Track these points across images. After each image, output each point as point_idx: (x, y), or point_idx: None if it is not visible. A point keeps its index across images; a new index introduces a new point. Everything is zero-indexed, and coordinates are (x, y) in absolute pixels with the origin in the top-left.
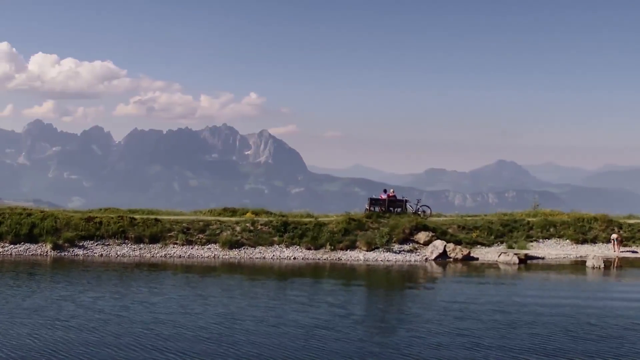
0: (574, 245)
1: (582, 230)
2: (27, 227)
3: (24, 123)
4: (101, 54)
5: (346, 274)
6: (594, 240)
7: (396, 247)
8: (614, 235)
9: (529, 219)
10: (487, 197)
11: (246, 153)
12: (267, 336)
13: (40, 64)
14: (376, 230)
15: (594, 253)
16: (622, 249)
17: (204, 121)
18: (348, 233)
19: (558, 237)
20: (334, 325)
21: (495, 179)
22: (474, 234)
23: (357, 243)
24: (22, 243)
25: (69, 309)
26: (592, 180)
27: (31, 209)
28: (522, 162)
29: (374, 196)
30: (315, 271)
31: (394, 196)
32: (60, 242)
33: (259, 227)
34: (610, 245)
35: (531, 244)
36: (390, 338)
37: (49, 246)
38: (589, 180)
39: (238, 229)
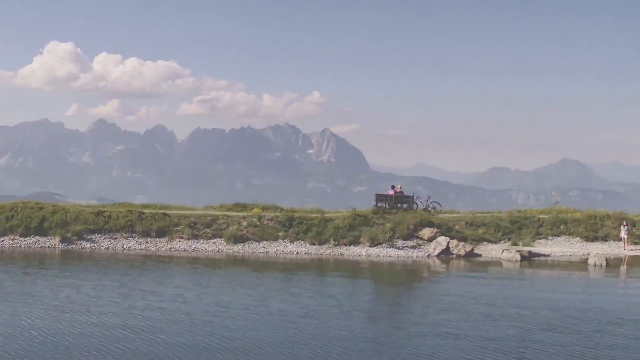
0: (584, 242)
1: (594, 228)
2: (38, 220)
3: (89, 122)
4: (165, 54)
5: (344, 268)
6: (604, 238)
7: (399, 243)
8: (623, 233)
9: (540, 216)
10: (551, 196)
11: (309, 152)
12: (263, 326)
13: (105, 63)
14: (381, 226)
15: (597, 251)
16: (632, 247)
17: (267, 120)
18: (353, 229)
19: (568, 235)
20: (320, 315)
21: (559, 177)
22: (480, 231)
23: (361, 239)
24: (32, 236)
25: (64, 295)
26: None
27: (43, 203)
28: (586, 160)
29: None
30: (314, 266)
31: (401, 192)
32: (69, 235)
33: (265, 222)
34: (621, 243)
35: (539, 241)
36: (375, 329)
37: (57, 239)
38: None
39: (244, 223)
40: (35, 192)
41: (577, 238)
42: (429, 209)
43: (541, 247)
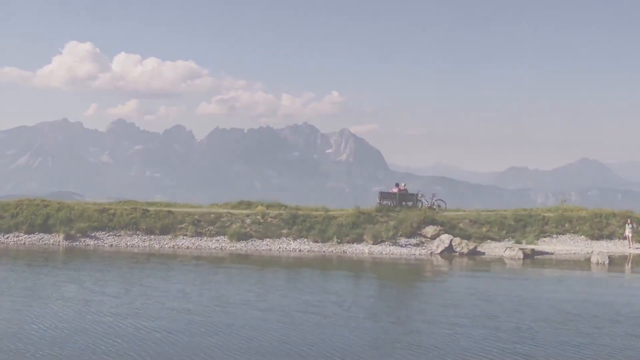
0: (588, 241)
1: (599, 226)
2: (42, 217)
3: (108, 122)
4: (184, 54)
5: (347, 266)
6: (610, 236)
7: (402, 240)
8: (628, 231)
9: (545, 214)
10: (570, 196)
11: (327, 152)
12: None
13: (124, 63)
14: (384, 224)
15: (601, 249)
16: (637, 245)
17: (286, 120)
18: (356, 227)
19: (573, 233)
20: (319, 310)
21: (578, 177)
22: (484, 229)
23: (364, 236)
24: (36, 233)
25: (66, 290)
26: None
27: (49, 201)
28: (605, 160)
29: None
30: (317, 263)
31: (405, 190)
32: (73, 232)
33: (269, 219)
34: (626, 242)
35: (544, 239)
36: (374, 324)
37: (61, 236)
38: None
39: (248, 221)
40: (54, 192)
41: (582, 236)
42: (434, 207)
43: (545, 245)
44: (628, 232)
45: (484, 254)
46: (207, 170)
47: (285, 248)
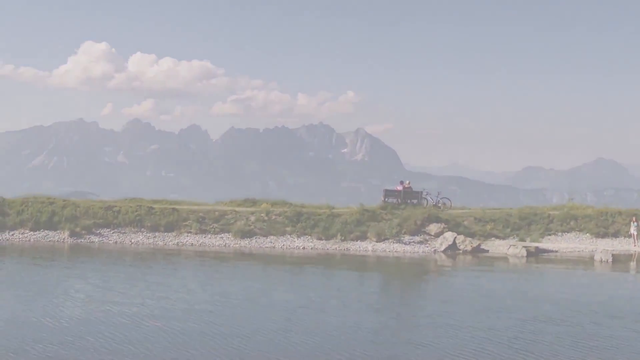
0: (594, 239)
1: (604, 224)
2: (47, 214)
3: (123, 122)
4: (199, 53)
5: (350, 263)
6: (615, 234)
7: (406, 238)
8: (633, 229)
9: (551, 212)
10: (586, 196)
11: (343, 151)
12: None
13: (139, 63)
14: (389, 222)
15: (606, 247)
16: None
17: (301, 119)
18: (360, 224)
19: (578, 231)
20: (321, 306)
21: (593, 177)
22: (488, 227)
23: (368, 234)
24: (42, 230)
25: (69, 286)
26: None
27: (54, 198)
28: (621, 160)
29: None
30: (320, 260)
31: (410, 187)
32: (78, 229)
33: (273, 217)
34: (631, 240)
35: (549, 237)
36: (375, 319)
37: (66, 233)
38: None
39: (252, 218)
40: (70, 192)
41: (587, 234)
42: (439, 204)
43: (549, 243)
44: (633, 230)
45: (487, 251)
46: (223, 170)
47: (289, 246)
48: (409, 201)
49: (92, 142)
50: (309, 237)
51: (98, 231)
